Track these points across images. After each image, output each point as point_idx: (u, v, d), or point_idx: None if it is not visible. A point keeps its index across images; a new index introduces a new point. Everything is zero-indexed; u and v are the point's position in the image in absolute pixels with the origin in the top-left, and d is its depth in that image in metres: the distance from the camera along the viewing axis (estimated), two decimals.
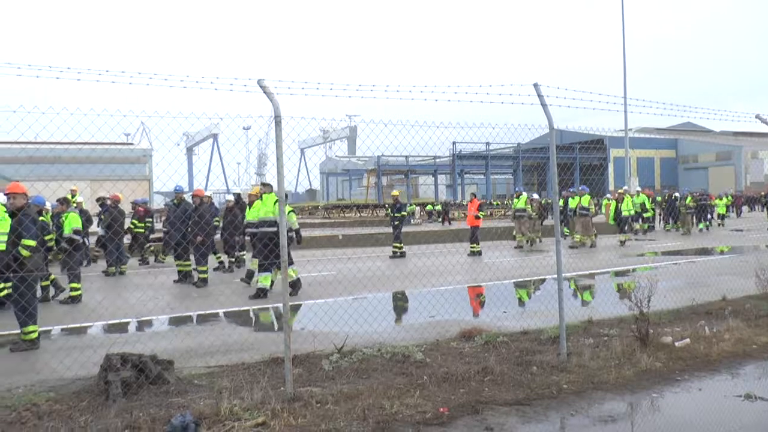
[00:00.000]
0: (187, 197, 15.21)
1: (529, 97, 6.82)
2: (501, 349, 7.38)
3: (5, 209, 10.45)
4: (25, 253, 8.25)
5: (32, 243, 8.28)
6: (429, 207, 49.79)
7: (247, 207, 13.93)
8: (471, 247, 19.89)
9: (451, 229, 29.92)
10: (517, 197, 23.41)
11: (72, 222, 12.00)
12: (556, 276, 7.16)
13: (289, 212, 12.28)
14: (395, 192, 21.19)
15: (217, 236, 16.81)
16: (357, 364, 6.77)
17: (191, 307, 11.08)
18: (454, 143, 64.17)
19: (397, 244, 19.62)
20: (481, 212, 21.74)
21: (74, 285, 11.85)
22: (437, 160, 73.26)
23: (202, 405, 5.32)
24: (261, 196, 12.40)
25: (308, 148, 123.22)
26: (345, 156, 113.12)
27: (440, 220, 43.28)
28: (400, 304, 11.73)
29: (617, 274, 15.23)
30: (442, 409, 5.38)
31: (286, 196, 6.38)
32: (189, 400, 5.57)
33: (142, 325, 9.93)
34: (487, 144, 66.31)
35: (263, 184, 12.49)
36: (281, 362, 6.47)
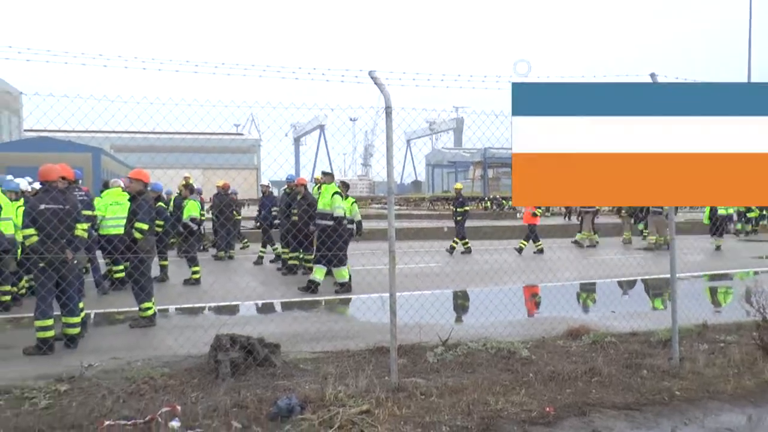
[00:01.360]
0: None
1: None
2: (609, 349, 7.11)
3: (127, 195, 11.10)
4: (137, 235, 8.72)
5: (144, 226, 8.72)
6: None
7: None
8: (536, 246, 18.67)
9: (555, 225, 28.81)
10: None
11: (191, 209, 12.53)
12: (664, 276, 6.80)
13: (351, 203, 12.21)
14: (458, 185, 20.20)
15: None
16: (462, 358, 6.70)
17: (297, 293, 11.31)
18: None
19: (458, 240, 18.65)
20: (538, 209, 20.09)
21: (195, 268, 12.40)
22: None
23: (308, 389, 5.41)
24: (321, 187, 12.19)
25: (415, 139, 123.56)
26: (451, 148, 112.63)
27: (566, 216, 40.19)
28: (503, 298, 11.50)
29: (729, 277, 14.37)
30: (548, 409, 5.23)
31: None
32: (294, 384, 5.68)
33: (250, 309, 10.25)
34: None
35: (324, 174, 12.29)
36: (386, 352, 6.49)
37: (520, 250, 18.38)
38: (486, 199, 53.77)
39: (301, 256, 13.86)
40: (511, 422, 4.98)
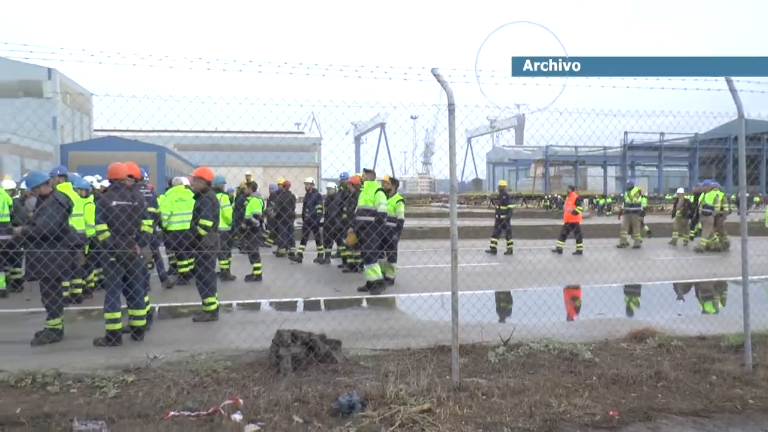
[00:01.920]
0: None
1: (716, 82, 6.24)
2: (675, 353, 6.87)
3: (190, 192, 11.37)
4: (202, 232, 8.89)
5: (209, 223, 8.89)
6: (599, 200, 47.82)
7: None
8: (577, 246, 17.97)
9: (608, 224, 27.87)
10: (629, 190, 20.57)
11: (253, 206, 12.71)
12: (735, 278, 6.54)
13: (397, 201, 12.05)
14: (502, 182, 19.31)
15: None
16: (523, 359, 6.60)
17: (356, 290, 11.36)
18: (625, 133, 61.20)
19: (496, 239, 17.93)
20: (579, 207, 18.85)
21: (256, 264, 12.57)
22: (607, 150, 70.24)
23: (368, 386, 5.40)
24: (362, 184, 12.02)
25: (475, 137, 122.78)
26: (512, 145, 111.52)
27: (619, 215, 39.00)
28: (564, 298, 11.33)
29: None
30: (612, 413, 5.10)
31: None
32: (355, 381, 5.68)
33: (310, 305, 10.34)
34: (661, 134, 62.59)
35: (365, 171, 12.11)
36: (447, 350, 6.44)
37: (559, 251, 17.88)
38: (546, 197, 52.98)
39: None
40: (574, 425, 4.87)
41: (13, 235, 7.84)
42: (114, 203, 7.64)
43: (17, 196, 11.44)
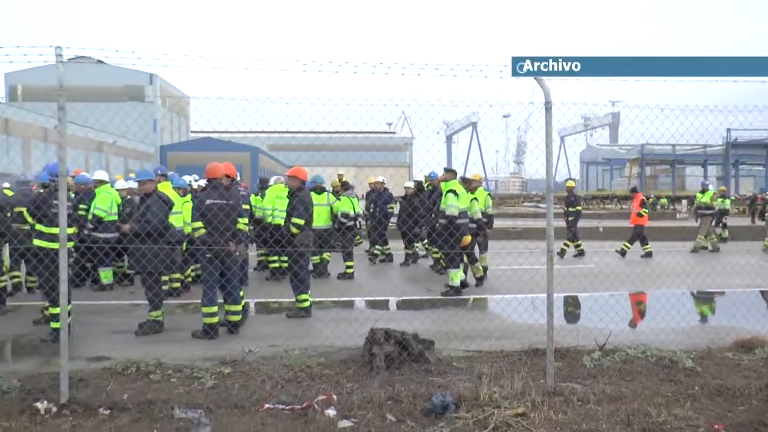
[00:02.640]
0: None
1: None
2: None
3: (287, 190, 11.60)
4: (294, 230, 9.03)
5: (301, 222, 9.02)
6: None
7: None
8: (644, 249, 17.09)
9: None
10: (702, 192, 19.24)
11: (343, 205, 12.84)
12: None
13: (471, 200, 11.71)
14: (570, 182, 18.13)
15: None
16: (619, 365, 6.37)
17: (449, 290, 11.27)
18: (728, 130, 58.33)
19: (569, 242, 17.03)
20: (644, 209, 17.70)
21: (349, 263, 12.70)
22: (707, 149, 67.17)
23: (462, 387, 5.35)
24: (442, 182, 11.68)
25: (567, 136, 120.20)
26: (606, 144, 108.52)
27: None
28: (662, 303, 10.85)
29: None
30: (717, 426, 4.84)
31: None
32: (448, 381, 5.64)
33: (402, 304, 10.36)
34: None
35: (445, 170, 11.70)
36: (541, 354, 6.32)
37: (623, 253, 17.08)
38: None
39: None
40: None
41: (122, 232, 8.21)
42: (209, 202, 7.89)
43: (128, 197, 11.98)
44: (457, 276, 10.74)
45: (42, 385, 5.63)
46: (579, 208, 17.45)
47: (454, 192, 10.78)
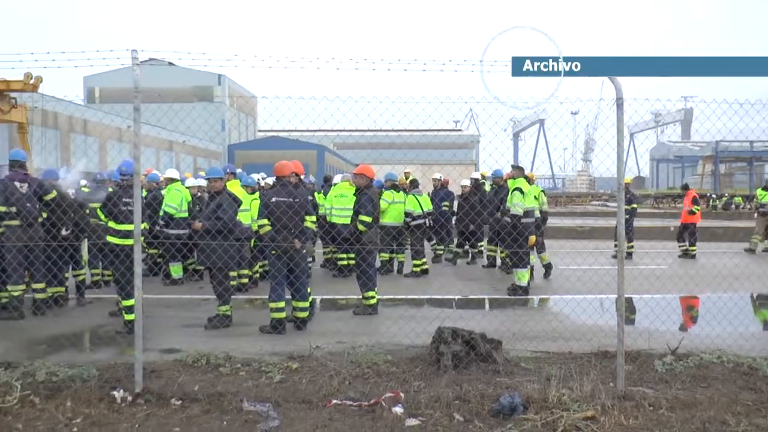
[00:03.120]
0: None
1: None
2: None
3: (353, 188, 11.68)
4: (361, 227, 9.06)
5: (368, 219, 9.04)
6: None
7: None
8: (690, 249, 16.25)
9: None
10: (765, 189, 18.04)
11: (410, 203, 12.82)
12: None
13: (535, 195, 11.39)
14: (627, 179, 16.24)
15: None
16: (693, 370, 6.14)
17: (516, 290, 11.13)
18: None
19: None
20: (696, 206, 16.76)
21: (416, 261, 12.67)
22: None
23: (530, 389, 5.28)
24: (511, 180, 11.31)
25: (639, 132, 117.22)
26: (677, 141, 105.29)
27: None
28: (738, 306, 10.46)
29: None
30: None
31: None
32: (516, 383, 5.57)
33: (469, 303, 10.30)
34: None
35: (513, 167, 11.49)
36: (610, 356, 6.18)
37: (690, 256, 16.29)
38: (713, 196, 49.15)
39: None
40: None
41: (194, 229, 8.42)
42: (275, 199, 8.00)
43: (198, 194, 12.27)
44: (524, 276, 10.59)
45: (118, 375, 5.83)
46: (635, 206, 16.64)
47: (521, 190, 10.62)
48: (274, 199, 7.99)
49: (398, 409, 4.87)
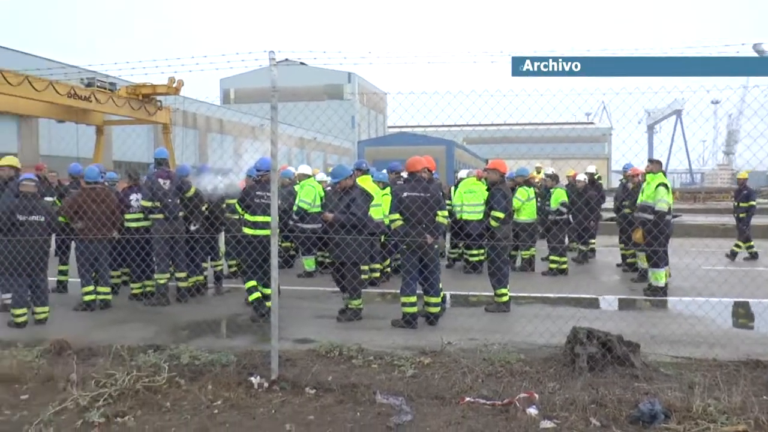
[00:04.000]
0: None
1: None
2: None
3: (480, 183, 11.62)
4: (493, 223, 8.95)
5: (500, 215, 8.91)
6: None
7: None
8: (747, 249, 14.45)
9: None
10: None
11: (558, 196, 12.50)
12: None
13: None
14: (743, 173, 15.30)
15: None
16: None
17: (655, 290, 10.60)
18: None
19: (741, 243, 14.54)
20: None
21: (554, 258, 12.40)
22: None
23: (671, 396, 4.99)
24: (645, 175, 10.67)
25: None
26: None
27: None
28: None
29: None
30: None
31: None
32: (656, 389, 5.29)
33: (605, 303, 10.02)
34: None
35: (650, 161, 10.72)
36: (762, 366, 5.78)
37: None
38: None
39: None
40: None
41: (324, 219, 8.65)
42: (406, 194, 8.07)
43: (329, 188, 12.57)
44: (661, 276, 10.04)
45: (255, 362, 6.10)
46: (753, 203, 15.02)
47: (665, 185, 10.03)
48: (406, 194, 8.06)
49: (533, 411, 4.77)
